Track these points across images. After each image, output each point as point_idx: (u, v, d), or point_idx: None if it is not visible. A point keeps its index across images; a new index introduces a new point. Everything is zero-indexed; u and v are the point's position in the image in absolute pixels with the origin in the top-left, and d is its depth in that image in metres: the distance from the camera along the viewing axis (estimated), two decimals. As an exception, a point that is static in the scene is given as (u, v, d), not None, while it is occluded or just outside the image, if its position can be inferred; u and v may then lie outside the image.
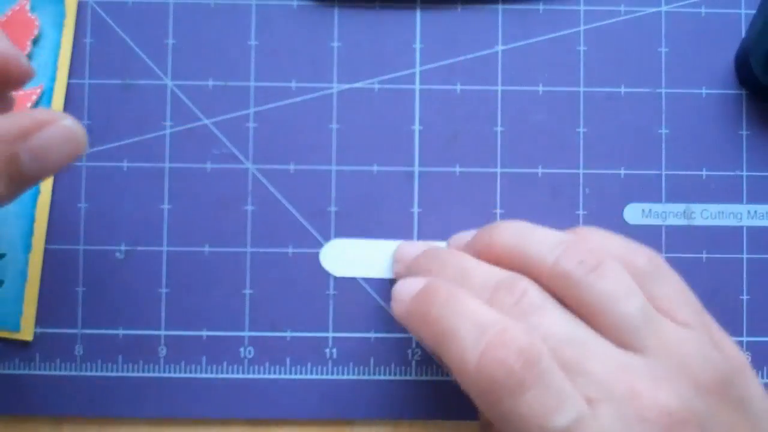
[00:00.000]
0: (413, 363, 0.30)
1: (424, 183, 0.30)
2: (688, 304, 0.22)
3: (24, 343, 0.29)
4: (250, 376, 0.30)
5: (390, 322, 0.30)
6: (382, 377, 0.30)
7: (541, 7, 0.31)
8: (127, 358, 0.30)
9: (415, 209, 0.30)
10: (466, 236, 0.27)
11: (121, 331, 0.30)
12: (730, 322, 0.30)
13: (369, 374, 0.30)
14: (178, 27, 0.31)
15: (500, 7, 0.31)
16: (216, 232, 0.30)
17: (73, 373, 0.30)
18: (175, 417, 0.30)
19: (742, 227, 0.30)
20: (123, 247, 0.30)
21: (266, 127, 0.30)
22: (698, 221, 0.30)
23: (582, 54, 0.31)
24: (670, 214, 0.30)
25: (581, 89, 0.31)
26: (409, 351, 0.30)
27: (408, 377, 0.30)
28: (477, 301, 0.22)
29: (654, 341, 0.21)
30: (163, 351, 0.30)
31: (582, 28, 0.31)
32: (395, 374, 0.30)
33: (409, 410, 0.30)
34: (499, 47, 0.31)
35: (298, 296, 0.30)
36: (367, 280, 0.30)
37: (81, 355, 0.30)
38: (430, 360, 0.30)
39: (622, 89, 0.31)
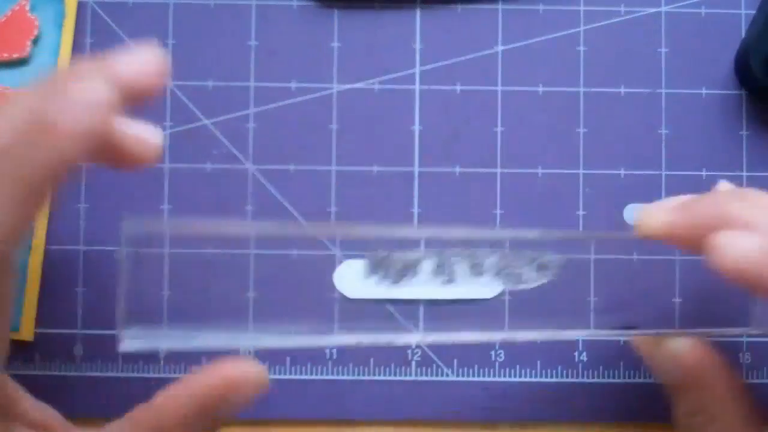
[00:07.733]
0: (413, 363, 0.30)
1: (424, 183, 0.30)
2: None
3: (24, 343, 0.29)
4: (250, 376, 0.30)
5: (390, 322, 0.30)
6: (382, 377, 0.30)
7: (541, 7, 0.31)
8: (126, 358, 0.30)
9: (415, 209, 0.30)
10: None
11: (121, 332, 0.30)
12: (730, 323, 0.30)
13: (369, 374, 0.30)
14: (178, 27, 0.31)
15: (500, 7, 0.31)
16: (216, 233, 0.30)
17: (73, 373, 0.29)
18: (175, 417, 0.30)
19: (742, 227, 0.30)
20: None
21: (266, 128, 0.30)
22: (698, 221, 0.30)
23: (582, 54, 0.31)
24: (670, 214, 0.30)
25: (581, 89, 0.31)
26: (409, 351, 0.30)
27: (408, 377, 0.30)
28: None
29: None
30: (163, 352, 0.30)
31: (582, 28, 0.31)
32: (395, 374, 0.30)
33: (409, 410, 0.30)
34: (499, 47, 0.31)
35: (299, 297, 0.30)
36: (367, 280, 0.30)
37: (81, 355, 0.30)
38: (431, 360, 0.30)
39: (622, 89, 0.31)
